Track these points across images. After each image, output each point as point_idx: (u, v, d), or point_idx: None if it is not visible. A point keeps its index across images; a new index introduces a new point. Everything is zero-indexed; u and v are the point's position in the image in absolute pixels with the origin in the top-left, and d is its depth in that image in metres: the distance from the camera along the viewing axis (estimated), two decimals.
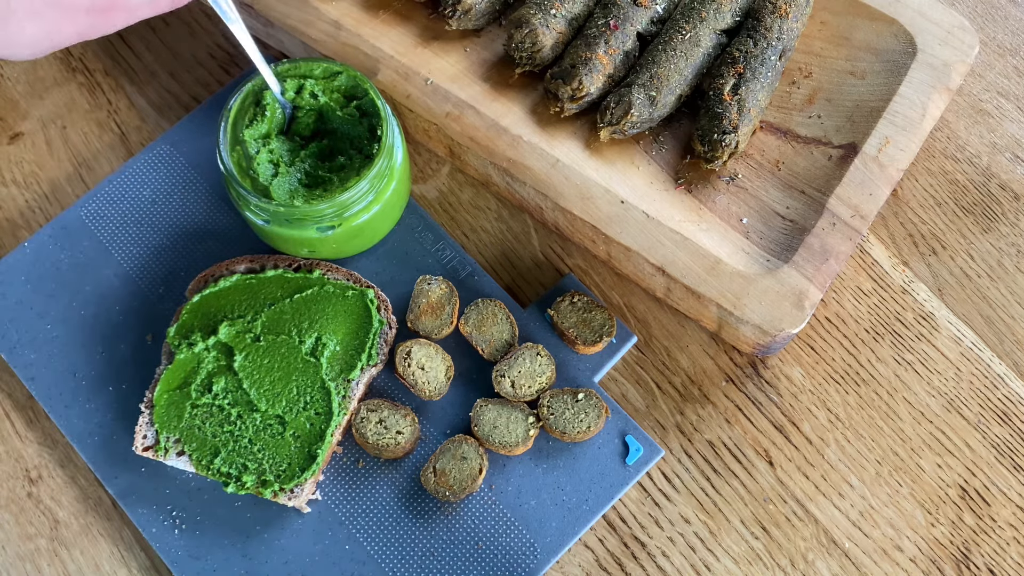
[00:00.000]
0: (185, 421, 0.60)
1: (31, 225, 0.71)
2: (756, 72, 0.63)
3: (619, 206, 0.62)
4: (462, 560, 0.58)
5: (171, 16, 0.78)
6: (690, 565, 0.60)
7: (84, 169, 0.72)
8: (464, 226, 0.69)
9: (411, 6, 0.71)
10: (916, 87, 0.65)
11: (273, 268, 0.64)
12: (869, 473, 0.61)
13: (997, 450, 0.62)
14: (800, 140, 0.66)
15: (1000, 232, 0.68)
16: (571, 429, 0.60)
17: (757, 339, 0.60)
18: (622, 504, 0.61)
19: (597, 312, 0.63)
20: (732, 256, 0.61)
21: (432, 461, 0.59)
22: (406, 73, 0.67)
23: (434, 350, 0.62)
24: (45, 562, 0.61)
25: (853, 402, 0.63)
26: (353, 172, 0.60)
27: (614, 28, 0.65)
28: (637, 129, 0.64)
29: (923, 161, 0.70)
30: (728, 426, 0.63)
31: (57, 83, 0.76)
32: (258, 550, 0.59)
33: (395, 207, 0.65)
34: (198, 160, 0.70)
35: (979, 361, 0.64)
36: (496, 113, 0.66)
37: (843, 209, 0.61)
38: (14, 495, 0.63)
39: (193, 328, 0.62)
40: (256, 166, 0.60)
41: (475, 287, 0.65)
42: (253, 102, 0.62)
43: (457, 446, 0.59)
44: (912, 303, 0.66)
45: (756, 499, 0.61)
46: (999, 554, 0.60)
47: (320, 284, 0.63)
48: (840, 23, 0.69)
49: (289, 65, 0.62)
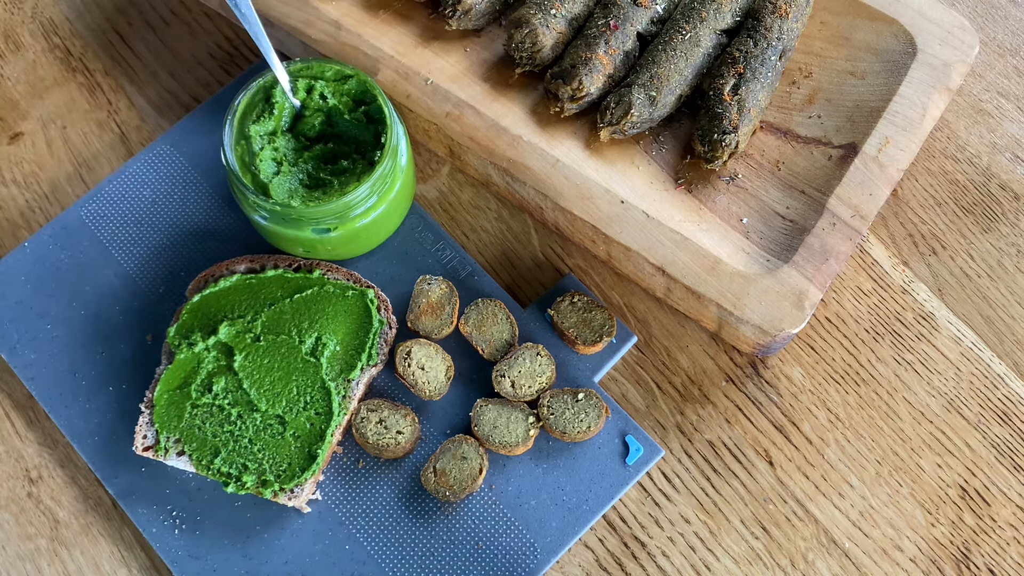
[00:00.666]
0: (185, 421, 0.60)
1: (31, 225, 0.71)
2: (756, 72, 0.63)
3: (619, 206, 0.62)
4: (462, 560, 0.59)
5: (171, 16, 0.78)
6: (690, 565, 0.60)
7: (84, 169, 0.72)
8: (464, 226, 0.69)
9: (411, 6, 0.71)
10: (916, 87, 0.65)
11: (273, 268, 0.64)
12: (869, 473, 0.61)
13: (997, 450, 0.62)
14: (800, 140, 0.66)
15: (1000, 232, 0.68)
16: (571, 429, 0.60)
17: (757, 339, 0.60)
18: (622, 504, 0.61)
19: (597, 312, 0.63)
20: (732, 256, 0.61)
21: (432, 461, 0.59)
22: (406, 73, 0.67)
23: (434, 350, 0.62)
24: (45, 562, 0.61)
25: (853, 402, 0.63)
26: (354, 177, 0.61)
27: (614, 28, 0.65)
28: (637, 129, 0.64)
29: (923, 161, 0.70)
30: (728, 426, 0.63)
31: (57, 83, 0.76)
32: (258, 550, 0.59)
33: (396, 213, 0.65)
34: (198, 160, 0.70)
35: (979, 361, 0.64)
36: (496, 113, 0.66)
37: (843, 209, 0.61)
38: (14, 495, 0.63)
39: (193, 328, 0.62)
40: (259, 162, 0.60)
41: (475, 287, 0.65)
42: (263, 98, 0.62)
43: (457, 446, 0.59)
44: (912, 303, 0.66)
45: (756, 499, 0.61)
46: (999, 554, 0.60)
47: (320, 284, 0.63)
48: (840, 23, 0.69)
49: (301, 65, 0.62)
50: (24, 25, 0.78)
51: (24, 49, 0.77)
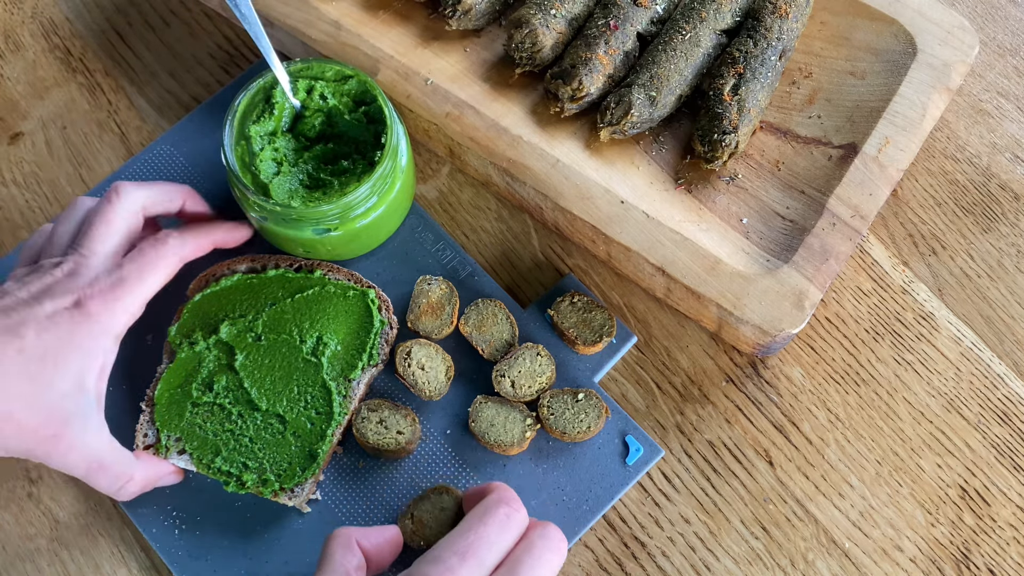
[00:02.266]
0: (186, 420, 0.60)
1: (31, 225, 0.71)
2: (756, 72, 0.64)
3: (619, 206, 0.62)
4: None
5: (171, 16, 0.78)
6: (690, 565, 0.60)
7: (84, 169, 0.72)
8: (464, 226, 0.69)
9: (411, 6, 0.71)
10: (916, 87, 0.65)
11: (274, 268, 0.64)
12: (869, 473, 0.61)
13: (997, 450, 0.62)
14: (800, 140, 0.66)
15: (1000, 232, 0.68)
16: (571, 429, 0.60)
17: (757, 339, 0.60)
18: (622, 504, 0.61)
19: (597, 312, 0.63)
20: (732, 256, 0.61)
21: (411, 507, 0.58)
22: (406, 73, 0.67)
23: (434, 350, 0.62)
24: (45, 562, 0.61)
25: (853, 402, 0.63)
26: (355, 177, 0.61)
27: (614, 28, 0.65)
28: (637, 129, 0.64)
29: (923, 161, 0.70)
30: (728, 426, 0.63)
31: (57, 83, 0.76)
32: (258, 550, 0.59)
33: (397, 213, 0.65)
34: (198, 160, 0.70)
35: (979, 361, 0.64)
36: (496, 113, 0.66)
37: (843, 209, 0.61)
38: (14, 495, 0.63)
39: (194, 327, 0.62)
40: (259, 163, 0.61)
41: (475, 287, 0.65)
42: (263, 98, 0.62)
43: (438, 496, 0.58)
44: (912, 303, 0.66)
45: (756, 499, 0.61)
46: (999, 554, 0.60)
47: (321, 284, 0.63)
48: (840, 23, 0.69)
49: (302, 65, 0.62)
50: (24, 25, 0.78)
51: (24, 49, 0.77)
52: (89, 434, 0.54)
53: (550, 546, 0.49)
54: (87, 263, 0.56)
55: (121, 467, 0.56)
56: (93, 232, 0.57)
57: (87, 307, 0.54)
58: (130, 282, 0.56)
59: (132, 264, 0.57)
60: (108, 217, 0.58)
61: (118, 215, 0.58)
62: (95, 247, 0.57)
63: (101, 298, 0.55)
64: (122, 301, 0.56)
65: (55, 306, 0.54)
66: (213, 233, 0.63)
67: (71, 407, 0.54)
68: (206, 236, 0.62)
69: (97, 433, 0.55)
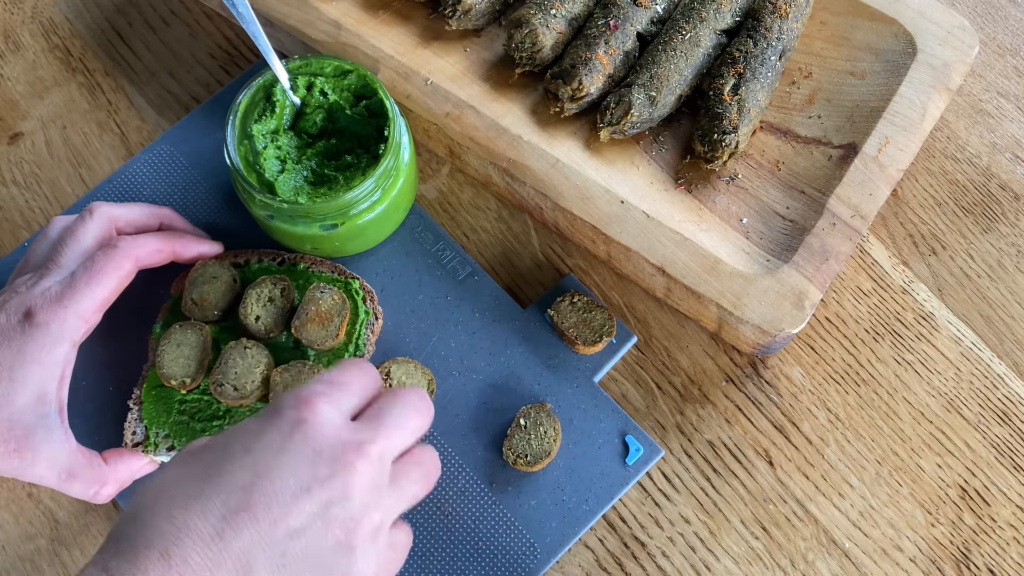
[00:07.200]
0: (174, 416, 0.60)
1: (31, 225, 0.71)
2: (756, 72, 0.64)
3: (619, 206, 0.62)
4: (462, 560, 0.58)
5: (171, 16, 0.78)
6: (690, 565, 0.60)
7: (84, 169, 0.72)
8: (464, 226, 0.69)
9: (411, 6, 0.71)
10: (916, 87, 0.65)
11: (257, 262, 0.64)
12: (869, 473, 0.61)
13: (997, 450, 0.62)
14: (800, 140, 0.66)
15: (1000, 232, 0.68)
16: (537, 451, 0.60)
17: (757, 339, 0.60)
18: (622, 504, 0.61)
19: (597, 312, 0.63)
20: (732, 256, 0.61)
21: None
22: (406, 73, 0.67)
23: (414, 367, 0.61)
24: (45, 562, 0.61)
25: (853, 402, 0.63)
26: (359, 172, 0.61)
27: (614, 28, 0.65)
28: (637, 129, 0.64)
29: (923, 161, 0.70)
30: (728, 426, 0.63)
31: (57, 83, 0.76)
32: None
33: (400, 207, 0.65)
34: (198, 160, 0.70)
35: (979, 361, 0.64)
36: (496, 113, 0.66)
37: (843, 209, 0.61)
38: (14, 495, 0.63)
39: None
40: (263, 161, 0.60)
41: (475, 287, 0.65)
42: (264, 97, 0.62)
43: None
44: (912, 303, 0.66)
45: (756, 499, 0.61)
46: (999, 554, 0.60)
47: (305, 277, 0.63)
48: (840, 23, 0.69)
49: (300, 62, 0.62)
50: (24, 25, 0.78)
51: (24, 49, 0.77)
52: (54, 444, 0.54)
53: (413, 403, 0.49)
54: (49, 277, 0.56)
55: (92, 472, 0.56)
56: (63, 249, 0.58)
57: (36, 317, 0.54)
58: (78, 288, 0.56)
59: (82, 270, 0.56)
60: (78, 235, 0.58)
61: (89, 232, 0.58)
62: (63, 262, 0.57)
63: (49, 307, 0.54)
64: (71, 308, 0.55)
65: (7, 320, 0.54)
66: (174, 240, 0.61)
67: (32, 420, 0.54)
68: (165, 241, 0.61)
69: (62, 443, 0.55)
